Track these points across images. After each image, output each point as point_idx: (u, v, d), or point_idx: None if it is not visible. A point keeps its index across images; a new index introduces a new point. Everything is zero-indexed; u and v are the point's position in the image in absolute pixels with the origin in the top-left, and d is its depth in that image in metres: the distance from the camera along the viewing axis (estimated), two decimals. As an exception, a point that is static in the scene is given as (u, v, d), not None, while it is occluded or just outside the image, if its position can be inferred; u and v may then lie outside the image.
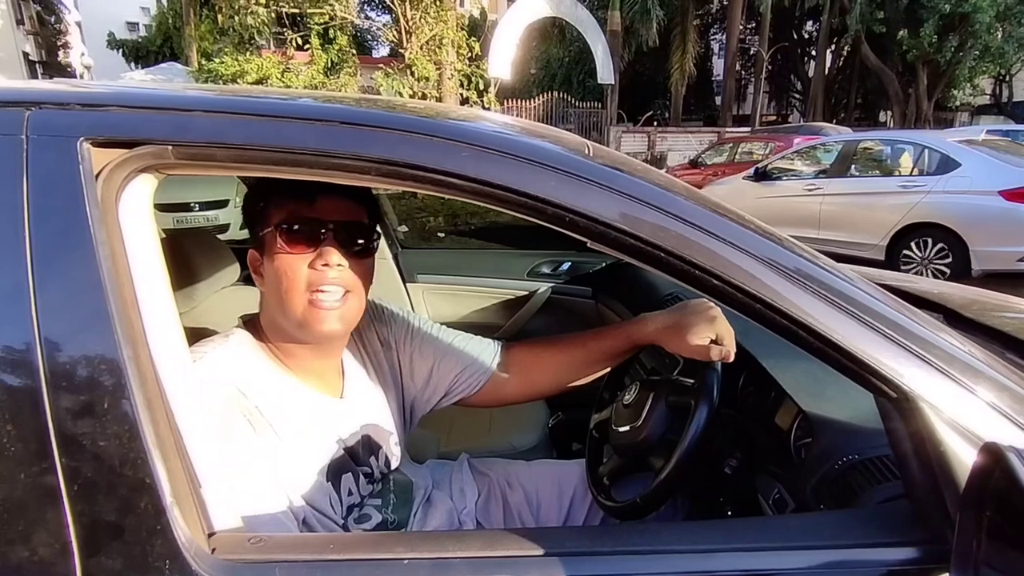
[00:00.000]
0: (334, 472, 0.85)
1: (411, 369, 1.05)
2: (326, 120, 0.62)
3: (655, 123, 19.82)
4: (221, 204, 6.20)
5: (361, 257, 0.84)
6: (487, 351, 1.07)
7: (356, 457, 0.90)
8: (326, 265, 0.79)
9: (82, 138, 0.58)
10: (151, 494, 0.53)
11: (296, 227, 0.79)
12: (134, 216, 0.61)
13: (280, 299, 0.81)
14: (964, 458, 0.59)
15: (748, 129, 15.78)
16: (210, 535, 0.58)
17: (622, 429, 1.03)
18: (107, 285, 0.55)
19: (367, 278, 0.86)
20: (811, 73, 22.73)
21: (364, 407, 0.95)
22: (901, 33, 16.98)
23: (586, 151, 0.70)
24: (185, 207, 5.81)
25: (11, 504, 0.52)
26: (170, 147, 0.59)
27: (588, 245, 0.66)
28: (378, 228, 0.89)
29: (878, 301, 0.66)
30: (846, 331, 0.62)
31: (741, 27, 21.24)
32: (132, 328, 0.56)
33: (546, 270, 2.10)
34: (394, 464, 0.98)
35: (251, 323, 0.88)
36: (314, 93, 0.83)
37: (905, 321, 0.65)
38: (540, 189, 0.61)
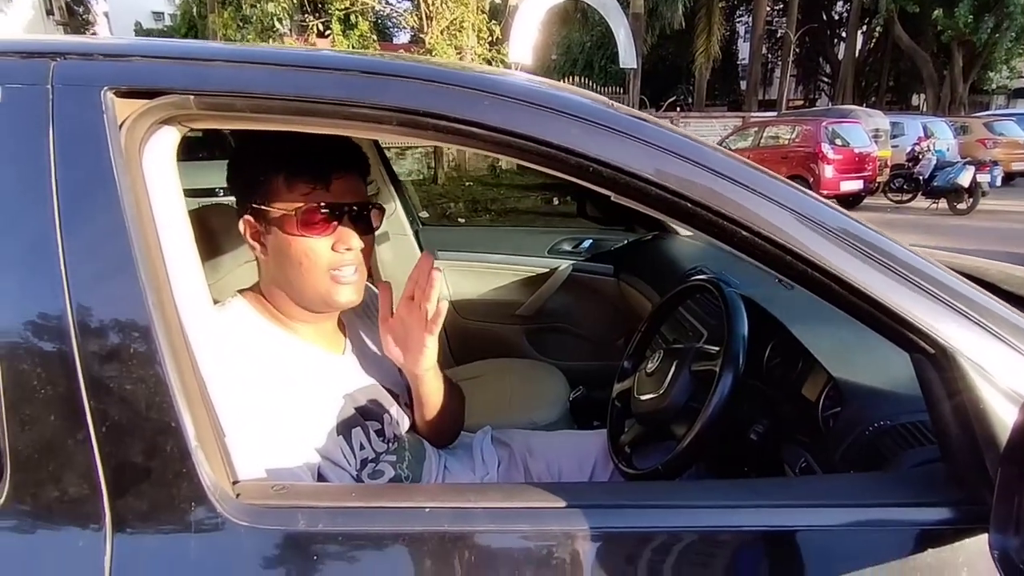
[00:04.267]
0: (343, 426, 0.87)
1: None
2: (345, 69, 0.61)
3: (678, 108, 19.47)
4: (245, 189, 6.25)
5: (369, 234, 0.87)
6: None
7: (364, 412, 0.91)
8: (348, 249, 0.83)
9: (105, 87, 0.58)
10: (176, 438, 0.53)
11: (318, 213, 0.81)
12: (158, 167, 0.61)
13: (297, 276, 0.83)
14: (1005, 416, 0.57)
15: (774, 114, 15.43)
16: (234, 483, 0.59)
17: (644, 397, 1.02)
18: (132, 233, 0.56)
19: (372, 249, 0.90)
20: (841, 55, 22.10)
21: (367, 363, 0.96)
22: (936, 13, 16.38)
23: (610, 105, 0.69)
24: (210, 192, 5.89)
25: (42, 445, 0.53)
26: (191, 97, 0.59)
27: (611, 199, 0.64)
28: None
29: (916, 257, 0.63)
30: (881, 285, 0.60)
31: (768, 8, 20.72)
32: (156, 275, 0.56)
33: (567, 247, 2.08)
34: (406, 422, 0.99)
35: (247, 292, 0.90)
36: (334, 51, 0.82)
37: (944, 277, 0.63)
38: (563, 139, 0.60)
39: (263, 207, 0.82)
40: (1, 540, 0.53)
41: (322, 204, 0.81)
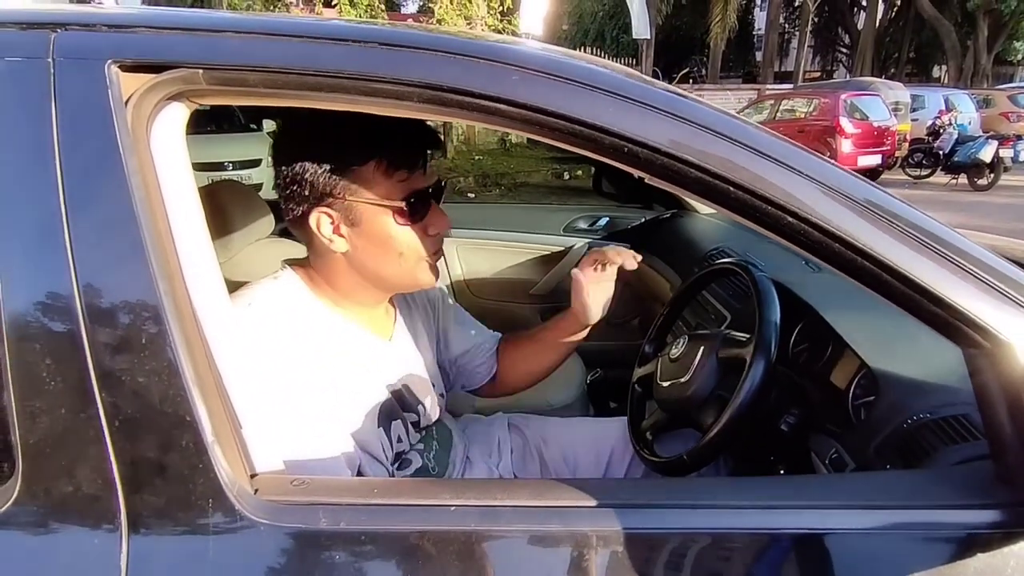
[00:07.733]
0: (384, 416, 0.84)
1: (446, 340, 1.05)
2: (364, 41, 0.57)
3: (691, 80, 19.03)
4: (254, 163, 6.24)
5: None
6: (491, 341, 1.11)
7: (404, 403, 0.88)
8: (439, 232, 0.80)
9: (109, 61, 0.54)
10: (192, 432, 0.51)
11: (419, 199, 0.76)
12: (166, 147, 0.57)
13: (391, 265, 0.79)
14: (1066, 416, 0.53)
15: (790, 86, 15.06)
16: (252, 476, 0.57)
17: (667, 384, 0.99)
18: (141, 217, 0.53)
19: None
20: (861, 25, 21.44)
21: (411, 352, 0.94)
22: (963, -20, 15.81)
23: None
24: (219, 166, 5.86)
25: (53, 439, 0.51)
26: (200, 71, 0.55)
27: (646, 180, 0.61)
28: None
29: (973, 245, 0.59)
30: (935, 275, 0.56)
31: (787, -24, 20.06)
32: (167, 262, 0.54)
33: (583, 225, 2.03)
34: (437, 414, 0.97)
35: (298, 266, 0.85)
36: (351, 22, 0.77)
37: (1000, 264, 0.59)
38: (597, 116, 0.56)
39: (351, 199, 0.74)
40: (15, 537, 0.51)
41: (423, 191, 0.77)
